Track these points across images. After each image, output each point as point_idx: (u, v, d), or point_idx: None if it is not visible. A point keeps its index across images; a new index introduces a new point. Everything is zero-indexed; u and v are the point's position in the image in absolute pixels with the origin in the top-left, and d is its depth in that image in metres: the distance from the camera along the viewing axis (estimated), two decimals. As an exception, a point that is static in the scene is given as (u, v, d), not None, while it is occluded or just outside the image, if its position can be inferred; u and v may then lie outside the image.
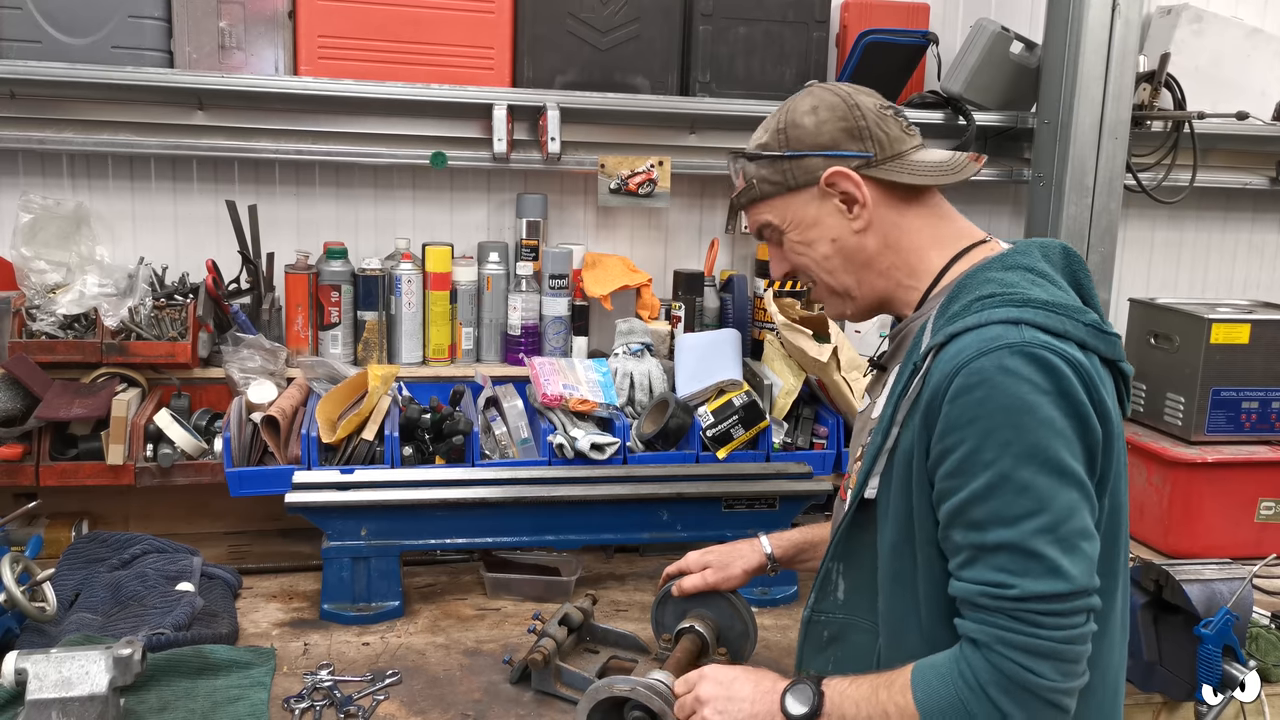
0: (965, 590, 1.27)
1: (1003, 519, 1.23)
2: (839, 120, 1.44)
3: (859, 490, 1.43)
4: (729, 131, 2.92)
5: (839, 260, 1.49)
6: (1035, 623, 1.22)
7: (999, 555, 1.24)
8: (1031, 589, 1.21)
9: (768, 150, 1.48)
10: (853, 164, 1.44)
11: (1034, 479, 1.22)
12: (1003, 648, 1.23)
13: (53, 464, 2.39)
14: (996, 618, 1.24)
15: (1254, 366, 2.65)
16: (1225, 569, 2.10)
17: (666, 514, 2.38)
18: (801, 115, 1.46)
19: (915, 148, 1.47)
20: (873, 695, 1.32)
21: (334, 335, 2.75)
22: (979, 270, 1.39)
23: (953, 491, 1.27)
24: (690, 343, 2.79)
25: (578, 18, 2.73)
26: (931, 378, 1.30)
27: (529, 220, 2.87)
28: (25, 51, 2.45)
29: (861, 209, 1.45)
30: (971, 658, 1.25)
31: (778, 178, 1.48)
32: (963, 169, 1.46)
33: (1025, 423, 1.23)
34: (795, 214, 1.49)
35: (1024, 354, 1.24)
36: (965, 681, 1.24)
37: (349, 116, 2.69)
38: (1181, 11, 3.04)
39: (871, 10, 2.94)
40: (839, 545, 1.49)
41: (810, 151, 1.45)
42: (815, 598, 1.54)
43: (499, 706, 1.89)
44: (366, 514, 2.22)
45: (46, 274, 2.52)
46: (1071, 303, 1.34)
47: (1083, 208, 2.78)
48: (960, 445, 1.26)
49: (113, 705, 1.68)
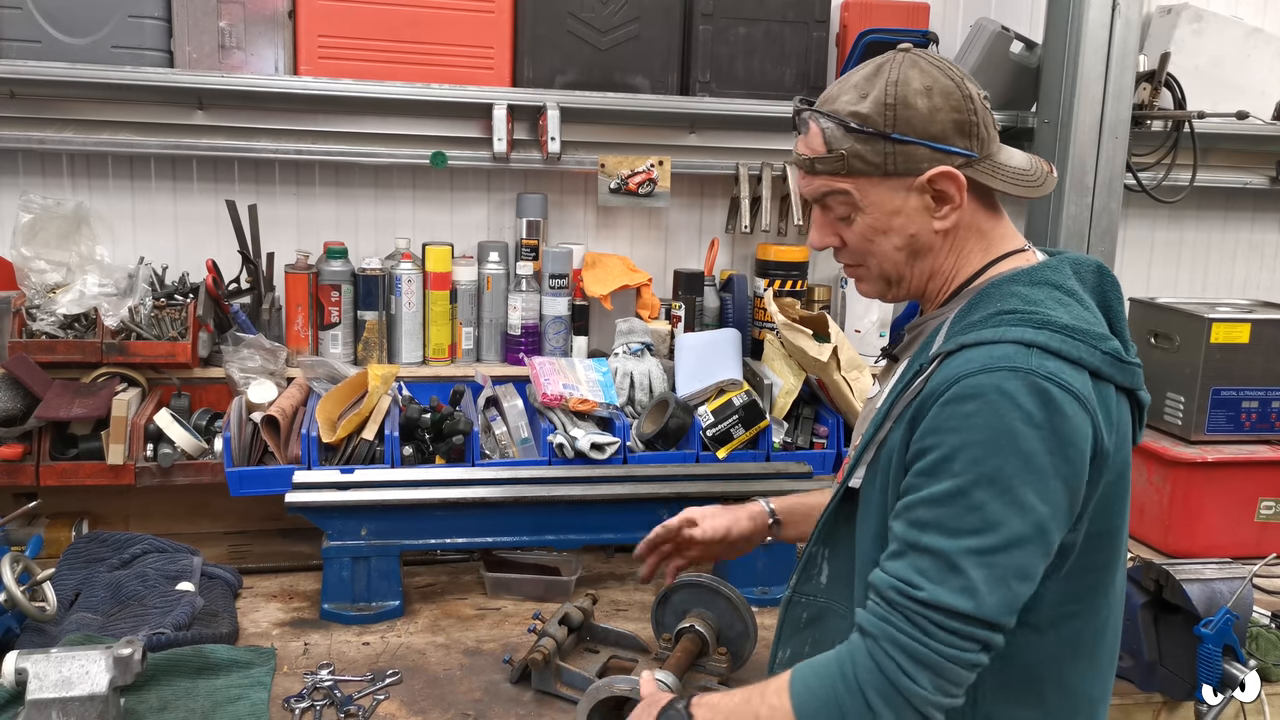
0: (879, 580, 1.26)
1: (944, 527, 1.22)
2: (953, 110, 1.33)
3: (846, 478, 1.43)
4: (729, 131, 2.92)
5: (907, 253, 1.40)
6: (927, 630, 1.20)
7: (924, 558, 1.23)
8: (938, 598, 1.20)
9: (869, 125, 1.33)
10: (957, 161, 1.34)
11: (990, 502, 1.20)
12: (889, 645, 1.22)
13: (53, 464, 2.39)
14: (894, 614, 1.23)
15: (1254, 366, 2.64)
16: (1225, 568, 2.10)
17: (666, 514, 2.36)
18: (915, 95, 1.32)
19: (1000, 147, 1.40)
20: (745, 705, 1.33)
21: (334, 335, 2.75)
22: (1005, 281, 1.36)
23: (914, 489, 1.26)
24: (690, 342, 2.79)
25: (578, 17, 2.73)
26: (932, 381, 1.29)
27: (529, 220, 2.87)
28: (25, 51, 2.46)
29: (952, 211, 1.37)
30: (855, 648, 1.25)
31: (876, 159, 1.34)
32: (1044, 183, 1.40)
33: (1003, 447, 1.20)
34: (880, 200, 1.36)
35: (1026, 381, 1.21)
36: (843, 676, 1.24)
37: (349, 116, 2.69)
38: (1181, 11, 3.04)
39: (871, 10, 2.94)
40: (825, 530, 1.49)
41: (920, 140, 1.32)
42: (798, 579, 1.54)
43: (499, 706, 1.89)
44: (366, 514, 2.22)
45: (46, 274, 2.52)
46: (1093, 328, 1.30)
47: (1083, 207, 2.78)
48: (935, 449, 1.25)
49: (113, 705, 1.68)
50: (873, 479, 1.38)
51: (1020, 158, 1.42)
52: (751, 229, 2.89)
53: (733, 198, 2.98)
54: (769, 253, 2.94)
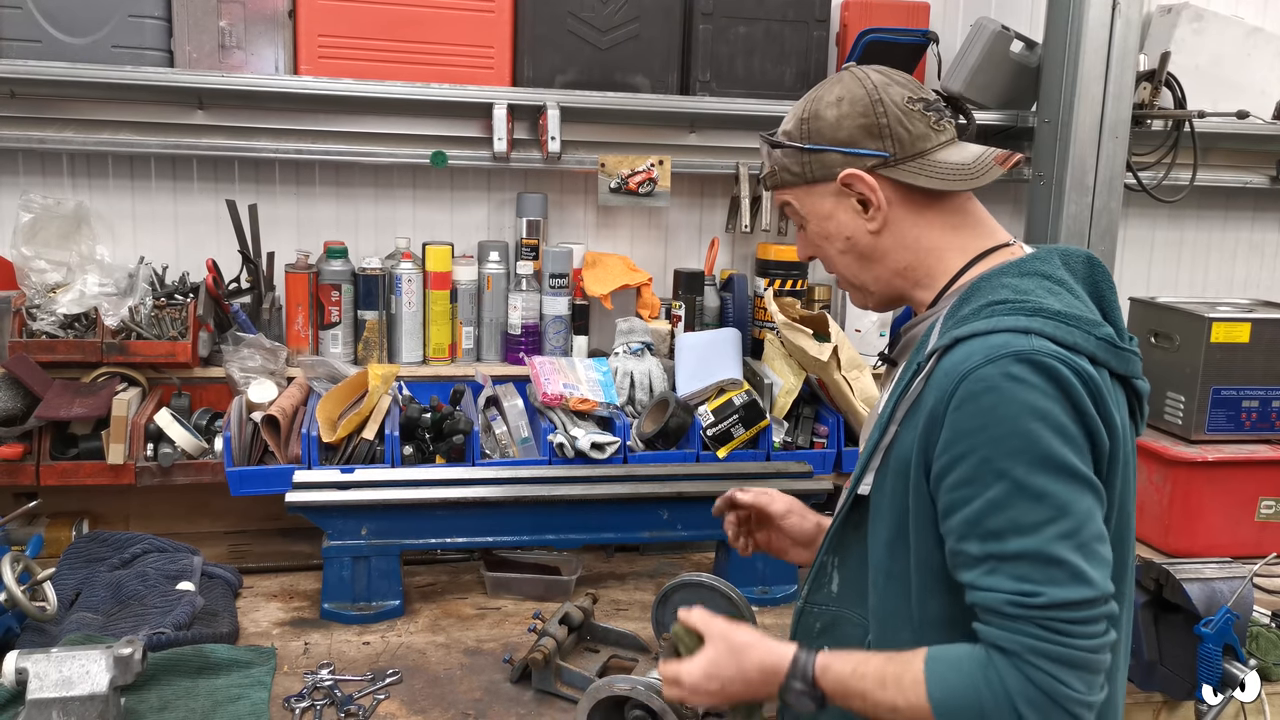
0: (989, 599, 1.24)
1: (1021, 527, 1.21)
2: (860, 116, 1.40)
3: (853, 486, 1.42)
4: (729, 131, 2.92)
5: (853, 257, 1.47)
6: (1064, 631, 1.20)
7: (1020, 564, 1.21)
8: (1058, 596, 1.19)
9: (790, 139, 1.46)
10: (869, 163, 1.40)
11: (1049, 485, 1.21)
12: (1034, 657, 1.20)
13: (53, 463, 2.39)
14: (1025, 626, 1.21)
15: (1254, 365, 2.65)
16: (1225, 568, 2.10)
17: (666, 513, 2.38)
18: (825, 107, 1.43)
19: (940, 145, 1.42)
20: (879, 690, 1.29)
21: (334, 335, 2.75)
22: (993, 274, 1.37)
23: (965, 501, 1.25)
24: (690, 342, 2.79)
25: (578, 17, 2.72)
26: (935, 381, 1.29)
27: (529, 219, 2.87)
28: (25, 51, 2.45)
29: (877, 211, 1.41)
30: (1001, 666, 1.22)
31: (797, 169, 1.45)
32: (986, 173, 1.41)
33: (1036, 429, 1.21)
34: (814, 206, 1.47)
35: (1031, 362, 1.22)
36: (990, 688, 1.22)
37: (349, 116, 2.69)
38: (1181, 10, 3.04)
39: (872, 9, 2.94)
40: (834, 539, 1.49)
41: (828, 147, 1.42)
42: (809, 589, 1.54)
43: (499, 706, 1.89)
44: (367, 513, 2.22)
45: (46, 273, 2.52)
46: (1085, 314, 1.31)
47: (1083, 207, 2.78)
48: (970, 454, 1.23)
49: (113, 705, 1.68)
50: (882, 485, 1.37)
51: (967, 153, 1.43)
52: (751, 228, 2.89)
53: (733, 197, 2.98)
54: (769, 252, 2.94)
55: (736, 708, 1.57)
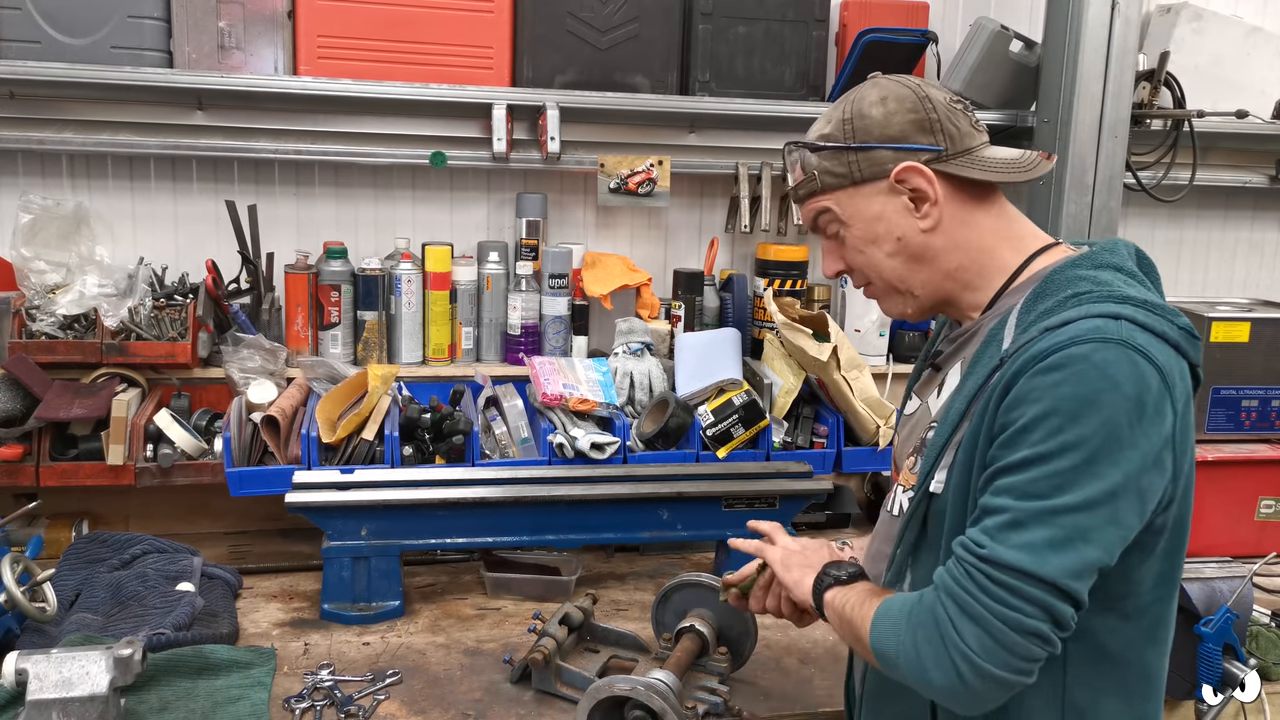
0: (956, 542, 1.27)
1: (1016, 491, 1.21)
2: (909, 112, 1.38)
3: (922, 484, 1.39)
4: (729, 131, 2.92)
5: (903, 259, 1.42)
6: (982, 586, 1.20)
7: (993, 518, 1.22)
8: (997, 554, 1.19)
9: (831, 141, 1.41)
10: (923, 158, 1.38)
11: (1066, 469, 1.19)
12: (944, 594, 1.23)
13: (53, 464, 2.39)
14: (957, 568, 1.23)
15: (1254, 365, 2.64)
16: (1225, 567, 2.11)
17: (666, 513, 2.38)
18: (869, 106, 1.40)
19: (984, 144, 1.42)
20: (858, 608, 1.38)
21: (334, 335, 2.75)
22: (1067, 267, 1.35)
23: (995, 460, 1.25)
24: (690, 342, 2.79)
25: (577, 17, 2.72)
26: (1013, 364, 1.26)
27: (529, 220, 2.87)
28: (25, 51, 2.45)
29: (931, 207, 1.39)
30: (927, 593, 1.27)
31: (842, 170, 1.41)
32: (1035, 167, 1.41)
33: (1085, 416, 1.19)
34: (859, 209, 1.42)
35: (1118, 351, 1.20)
36: (908, 615, 1.27)
37: (348, 116, 2.69)
38: (1181, 10, 3.04)
39: (871, 9, 2.94)
40: (904, 536, 1.44)
41: (878, 144, 1.38)
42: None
43: (499, 706, 1.89)
44: (366, 514, 2.22)
45: (46, 274, 2.52)
46: (1165, 304, 1.30)
47: (1082, 206, 2.78)
48: (1018, 419, 1.22)
49: (113, 705, 1.68)
50: (950, 480, 1.35)
51: (1009, 152, 1.44)
52: (751, 228, 2.89)
53: (732, 197, 2.98)
54: (769, 252, 2.94)
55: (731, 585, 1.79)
